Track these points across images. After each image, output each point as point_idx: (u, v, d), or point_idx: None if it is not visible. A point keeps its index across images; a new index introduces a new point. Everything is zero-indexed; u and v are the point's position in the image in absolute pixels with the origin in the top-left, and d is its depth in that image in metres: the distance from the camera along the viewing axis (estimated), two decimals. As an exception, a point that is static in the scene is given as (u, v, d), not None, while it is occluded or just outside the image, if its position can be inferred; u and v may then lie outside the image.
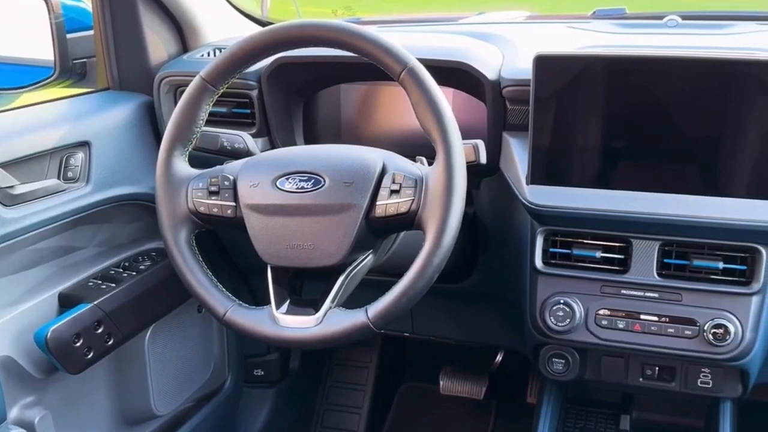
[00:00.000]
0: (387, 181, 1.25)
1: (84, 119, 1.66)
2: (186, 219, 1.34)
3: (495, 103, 1.53)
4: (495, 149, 1.55)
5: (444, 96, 1.23)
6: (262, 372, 2.27)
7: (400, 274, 1.22)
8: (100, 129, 1.67)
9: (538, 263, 1.53)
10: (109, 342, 1.62)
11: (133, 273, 1.72)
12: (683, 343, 1.46)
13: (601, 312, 1.50)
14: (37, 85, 1.73)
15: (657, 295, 1.47)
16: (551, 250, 1.53)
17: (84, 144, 1.62)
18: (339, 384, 2.50)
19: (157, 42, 1.84)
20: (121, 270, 1.73)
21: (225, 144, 1.51)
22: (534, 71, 1.41)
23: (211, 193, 1.32)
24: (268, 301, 1.28)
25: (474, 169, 1.28)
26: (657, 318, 1.47)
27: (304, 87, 1.75)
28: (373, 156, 1.29)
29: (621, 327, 1.49)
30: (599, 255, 1.50)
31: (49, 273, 1.62)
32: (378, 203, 1.24)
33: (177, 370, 1.92)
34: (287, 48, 1.33)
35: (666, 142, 1.41)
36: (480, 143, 1.30)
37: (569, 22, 1.81)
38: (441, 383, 2.42)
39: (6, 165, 1.46)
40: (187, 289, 1.33)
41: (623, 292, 1.49)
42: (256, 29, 1.35)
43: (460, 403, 2.44)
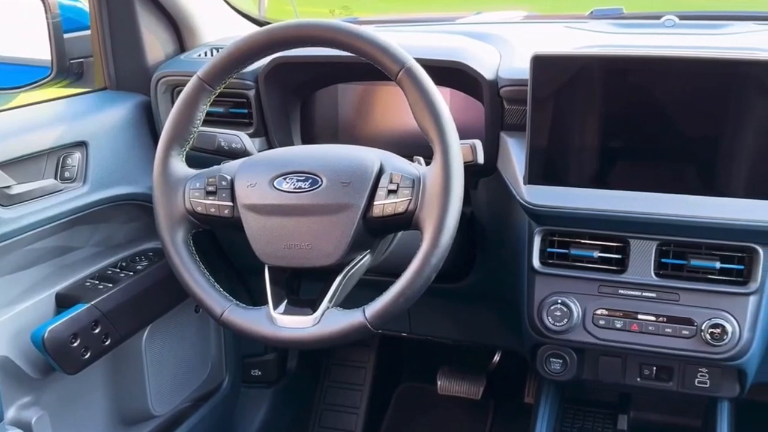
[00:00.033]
0: (384, 181, 1.25)
1: (81, 119, 1.66)
2: (183, 219, 1.34)
3: (492, 103, 1.53)
4: (492, 149, 1.55)
5: (441, 96, 1.23)
6: (259, 372, 2.27)
7: (397, 274, 1.22)
8: (97, 129, 1.66)
9: (535, 263, 1.53)
10: (107, 342, 1.62)
11: (131, 273, 1.72)
12: (681, 343, 1.46)
13: (599, 312, 1.50)
14: (34, 85, 1.72)
15: (654, 295, 1.47)
16: (549, 250, 1.53)
17: (81, 144, 1.62)
18: (336, 384, 2.50)
19: (154, 42, 1.84)
20: (119, 270, 1.73)
21: (222, 144, 1.51)
22: (531, 71, 1.41)
23: (209, 193, 1.32)
24: (265, 301, 1.28)
25: (471, 169, 1.28)
26: (654, 318, 1.47)
27: (301, 87, 1.75)
28: (371, 156, 1.29)
29: (618, 327, 1.49)
30: (597, 255, 1.50)
31: (46, 273, 1.61)
32: (375, 203, 1.24)
33: (174, 370, 1.92)
34: (284, 48, 1.33)
35: (664, 142, 1.41)
36: (477, 143, 1.30)
37: (567, 22, 1.81)
38: (438, 383, 2.41)
39: (3, 165, 1.46)
40: (185, 289, 1.33)
41: (621, 292, 1.49)
42: (253, 29, 1.35)
43: (457, 403, 2.44)
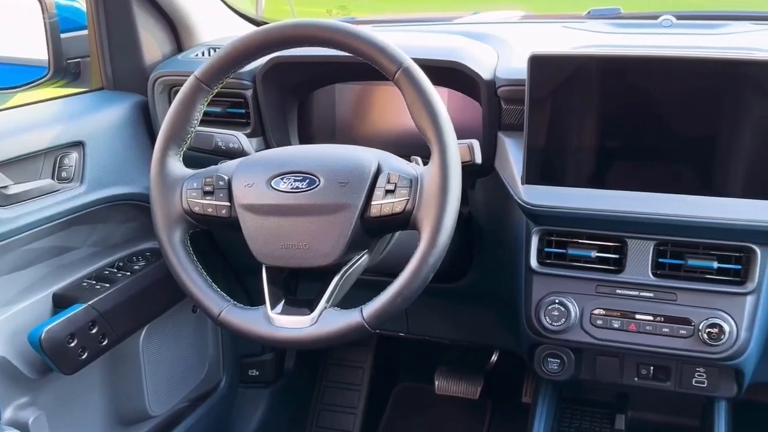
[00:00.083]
0: (382, 181, 1.25)
1: (78, 119, 1.66)
2: (180, 219, 1.33)
3: (490, 103, 1.53)
4: (490, 149, 1.55)
5: (439, 96, 1.23)
6: (257, 372, 2.27)
7: (395, 274, 1.22)
8: (94, 129, 1.66)
9: (533, 263, 1.53)
10: (104, 342, 1.61)
11: (128, 273, 1.72)
12: (678, 343, 1.46)
13: (596, 312, 1.50)
14: (31, 85, 1.72)
15: (652, 295, 1.47)
16: (546, 249, 1.53)
17: (78, 144, 1.61)
18: (334, 384, 2.49)
19: (152, 41, 1.84)
20: (116, 270, 1.73)
21: (219, 144, 1.51)
22: (529, 71, 1.41)
23: (206, 193, 1.32)
24: (263, 301, 1.28)
25: (469, 169, 1.28)
26: (652, 318, 1.47)
27: (298, 87, 1.74)
28: (368, 156, 1.29)
29: (616, 327, 1.49)
30: (594, 255, 1.50)
31: (44, 273, 1.61)
32: (373, 203, 1.24)
33: (172, 370, 1.92)
34: (282, 48, 1.33)
35: (661, 141, 1.41)
36: (475, 143, 1.30)
37: (564, 21, 1.81)
38: (436, 383, 2.41)
39: (0, 165, 1.45)
40: (182, 290, 1.33)
41: (618, 291, 1.49)
42: (250, 29, 1.35)
43: (455, 403, 2.44)
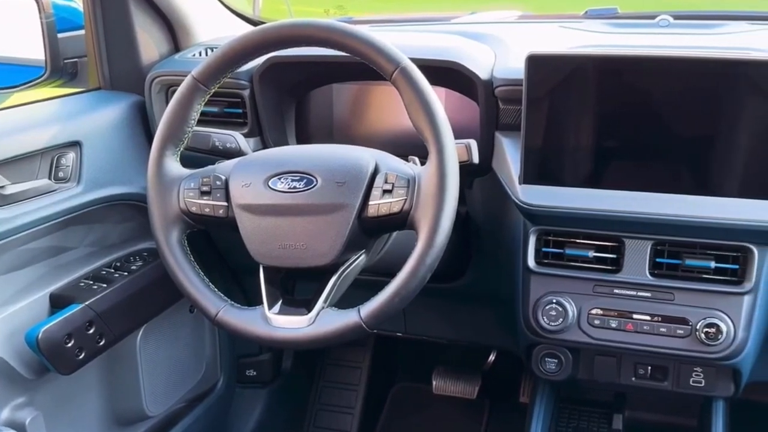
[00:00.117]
0: (379, 181, 1.25)
1: (75, 119, 1.66)
2: (178, 219, 1.33)
3: (487, 103, 1.53)
4: (487, 149, 1.55)
5: (436, 96, 1.23)
6: (254, 372, 2.27)
7: (392, 273, 1.22)
8: (91, 129, 1.66)
9: (530, 263, 1.53)
10: (101, 342, 1.61)
11: (125, 273, 1.71)
12: (676, 343, 1.46)
13: (594, 311, 1.50)
14: (28, 85, 1.72)
15: (649, 295, 1.47)
16: (544, 249, 1.53)
17: (75, 144, 1.61)
18: (332, 384, 2.49)
19: (149, 41, 1.84)
20: (113, 270, 1.73)
21: (217, 144, 1.51)
22: (526, 71, 1.41)
23: (203, 193, 1.32)
24: (260, 301, 1.28)
25: (467, 169, 1.28)
26: (649, 317, 1.47)
27: (296, 86, 1.74)
28: (366, 156, 1.28)
29: (613, 326, 1.49)
30: (592, 255, 1.50)
31: (41, 273, 1.61)
32: (370, 203, 1.24)
33: (169, 370, 1.92)
34: (279, 47, 1.32)
35: (658, 141, 1.41)
36: (472, 143, 1.30)
37: (561, 21, 1.81)
38: (434, 383, 2.41)
39: (-4, 165, 1.46)
40: (179, 290, 1.33)
41: (616, 291, 1.49)
42: (247, 29, 1.34)
43: (452, 403, 2.44)
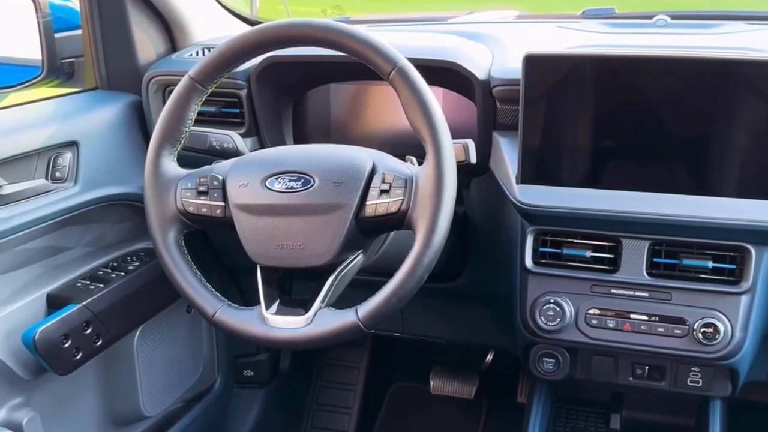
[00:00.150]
0: (377, 181, 1.25)
1: (72, 119, 1.65)
2: (175, 219, 1.33)
3: (485, 103, 1.53)
4: (485, 149, 1.55)
5: (434, 95, 1.23)
6: (251, 372, 2.27)
7: (390, 274, 1.22)
8: (88, 129, 1.66)
9: (528, 263, 1.53)
10: (98, 343, 1.61)
11: (122, 273, 1.71)
12: (673, 342, 1.46)
13: (591, 311, 1.50)
14: (25, 85, 1.72)
15: (647, 295, 1.47)
16: (541, 249, 1.53)
17: (72, 144, 1.61)
18: (329, 384, 2.49)
19: (146, 41, 1.83)
20: (110, 270, 1.72)
21: (214, 144, 1.50)
22: (524, 71, 1.41)
23: (200, 193, 1.31)
24: (257, 302, 1.28)
25: (464, 169, 1.28)
26: (647, 317, 1.47)
27: (293, 86, 1.74)
28: (363, 156, 1.28)
29: (611, 326, 1.49)
30: (589, 254, 1.50)
31: (37, 273, 1.61)
32: (368, 203, 1.24)
33: (166, 370, 1.91)
34: (276, 47, 1.32)
35: (655, 141, 1.41)
36: (470, 143, 1.30)
37: (559, 21, 1.81)
38: (431, 383, 2.41)
39: (-7, 165, 1.45)
40: (176, 290, 1.33)
41: (613, 291, 1.49)
42: (245, 28, 1.35)
43: (450, 403, 2.44)
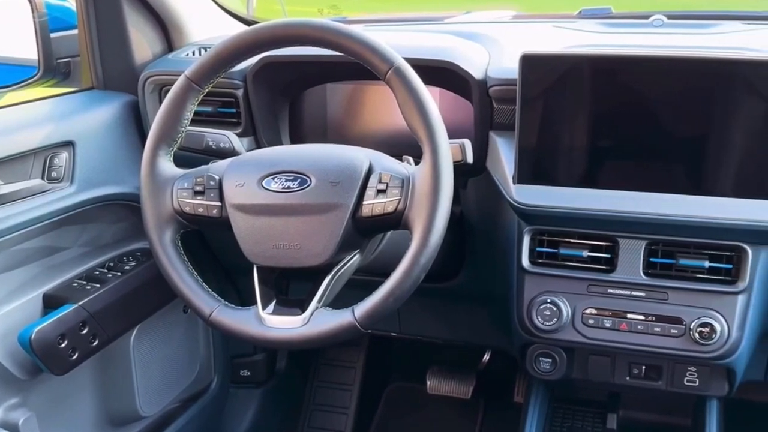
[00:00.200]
0: (373, 181, 1.25)
1: (68, 119, 1.65)
2: (171, 219, 1.33)
3: (481, 103, 1.53)
4: (482, 149, 1.55)
5: (430, 95, 1.23)
6: (248, 372, 2.27)
7: (387, 273, 1.22)
8: (84, 129, 1.66)
9: (525, 262, 1.53)
10: (94, 343, 1.61)
11: (118, 273, 1.71)
12: (670, 342, 1.46)
13: (588, 311, 1.50)
14: (21, 85, 1.72)
15: (643, 294, 1.47)
16: (538, 249, 1.53)
17: (68, 144, 1.61)
18: (326, 384, 2.49)
19: (142, 41, 1.83)
20: (106, 270, 1.72)
21: (210, 143, 1.50)
22: (520, 71, 1.41)
23: (197, 193, 1.31)
24: (254, 302, 1.28)
25: (461, 169, 1.28)
26: (643, 317, 1.47)
27: (289, 86, 1.74)
28: (360, 155, 1.28)
29: (608, 326, 1.49)
30: (586, 254, 1.50)
31: (34, 274, 1.60)
32: (364, 203, 1.24)
33: (163, 370, 1.91)
34: (273, 47, 1.32)
35: (652, 141, 1.41)
36: (467, 143, 1.30)
37: (555, 21, 1.81)
38: (428, 383, 2.41)
39: (-11, 165, 1.45)
40: (173, 290, 1.32)
41: (610, 291, 1.49)
42: (241, 28, 1.34)
43: (447, 403, 2.44)
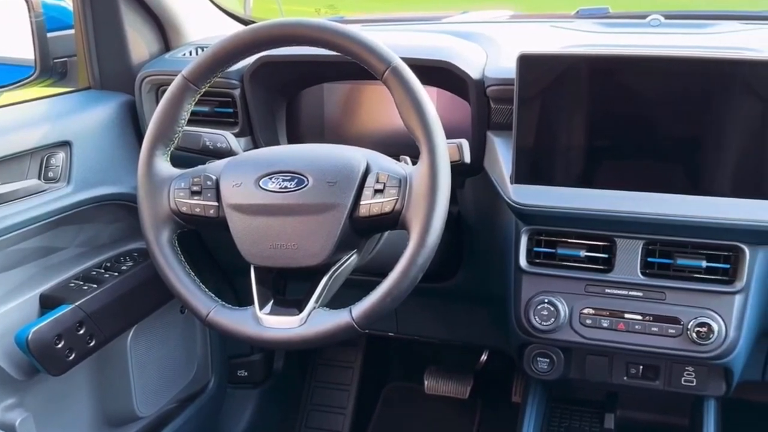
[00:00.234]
0: (371, 181, 1.24)
1: (65, 119, 1.65)
2: (168, 219, 1.33)
3: (479, 103, 1.53)
4: (479, 148, 1.55)
5: (428, 95, 1.23)
6: (245, 372, 2.26)
7: (384, 273, 1.22)
8: (81, 128, 1.65)
9: (522, 262, 1.53)
10: (91, 343, 1.61)
11: (115, 273, 1.71)
12: (667, 342, 1.46)
13: (586, 311, 1.50)
14: (17, 85, 1.71)
15: (641, 294, 1.47)
16: (536, 249, 1.53)
17: (65, 144, 1.61)
18: (323, 384, 2.49)
19: (139, 41, 1.83)
20: (103, 271, 1.72)
21: (207, 143, 1.50)
22: (518, 70, 1.41)
23: (194, 193, 1.31)
24: (251, 302, 1.28)
25: (458, 169, 1.28)
26: (641, 317, 1.47)
27: (287, 86, 1.74)
28: (357, 155, 1.28)
29: (605, 326, 1.49)
30: (583, 254, 1.50)
31: (30, 274, 1.60)
32: (362, 203, 1.24)
33: (160, 371, 1.91)
34: (270, 47, 1.32)
35: (650, 141, 1.41)
36: (464, 142, 1.30)
37: (553, 21, 1.82)
38: (426, 383, 2.41)
39: (-14, 165, 1.45)
40: (170, 290, 1.32)
41: (607, 291, 1.49)
42: (238, 28, 1.34)
43: (445, 403, 2.44)
